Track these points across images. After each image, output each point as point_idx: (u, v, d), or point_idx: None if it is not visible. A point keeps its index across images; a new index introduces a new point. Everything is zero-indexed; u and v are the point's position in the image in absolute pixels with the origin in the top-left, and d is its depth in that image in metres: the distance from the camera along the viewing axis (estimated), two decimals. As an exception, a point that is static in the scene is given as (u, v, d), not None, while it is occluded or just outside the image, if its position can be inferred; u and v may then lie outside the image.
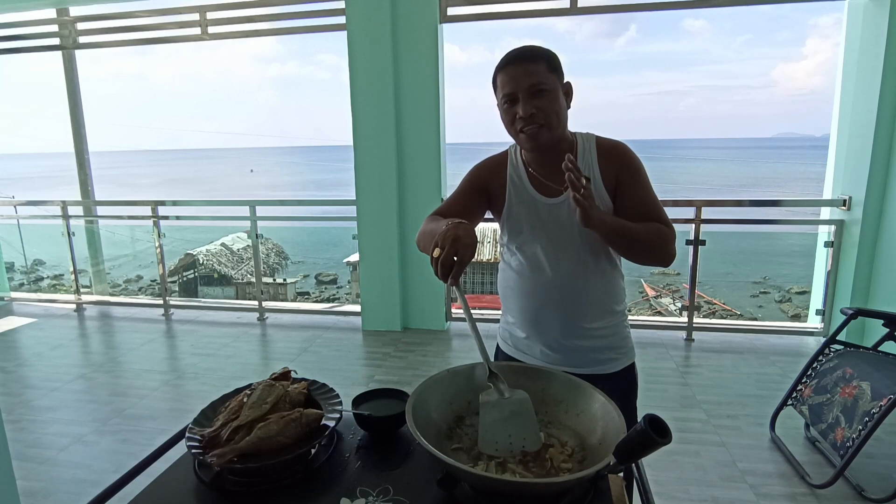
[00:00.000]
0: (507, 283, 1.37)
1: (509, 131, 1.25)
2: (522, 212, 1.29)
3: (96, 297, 5.14)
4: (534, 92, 1.17)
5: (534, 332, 1.32)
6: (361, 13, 3.75)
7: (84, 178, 5.08)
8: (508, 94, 1.19)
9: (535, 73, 1.17)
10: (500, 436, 0.89)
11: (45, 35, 4.65)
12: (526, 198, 1.29)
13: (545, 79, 1.17)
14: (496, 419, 0.90)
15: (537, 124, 1.18)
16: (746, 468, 2.32)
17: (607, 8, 3.75)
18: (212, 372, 3.43)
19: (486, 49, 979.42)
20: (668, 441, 0.71)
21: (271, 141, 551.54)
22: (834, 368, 2.37)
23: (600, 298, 1.29)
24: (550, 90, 1.18)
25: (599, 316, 1.29)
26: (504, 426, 0.89)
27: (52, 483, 2.33)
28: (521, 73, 1.17)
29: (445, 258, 0.94)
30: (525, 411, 0.91)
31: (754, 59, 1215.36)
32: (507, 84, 1.19)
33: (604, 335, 1.30)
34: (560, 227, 1.26)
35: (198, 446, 0.90)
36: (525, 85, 1.16)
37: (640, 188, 1.24)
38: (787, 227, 7.45)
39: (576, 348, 1.29)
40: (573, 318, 1.28)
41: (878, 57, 3.23)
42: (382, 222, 4.00)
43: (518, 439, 0.89)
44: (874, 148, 3.31)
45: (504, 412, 0.90)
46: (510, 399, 0.92)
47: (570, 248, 1.26)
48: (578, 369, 1.25)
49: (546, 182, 1.27)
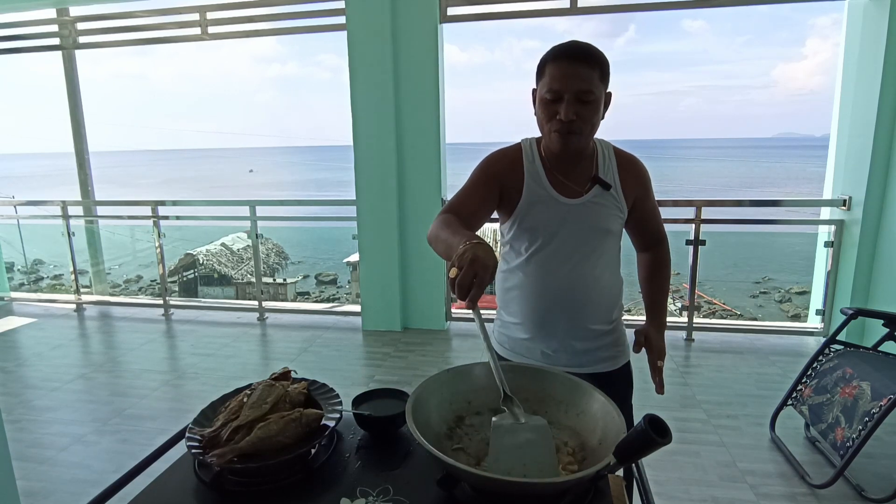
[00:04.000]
0: (510, 283, 1.33)
1: (541, 125, 1.22)
2: (538, 211, 1.25)
3: (96, 297, 5.14)
4: (581, 98, 1.14)
5: (539, 333, 1.30)
6: (361, 13, 3.75)
7: (84, 177, 5.08)
8: (555, 91, 1.14)
9: (588, 80, 1.13)
10: (514, 464, 0.81)
11: (45, 35, 4.65)
12: (544, 195, 1.25)
13: (595, 88, 1.14)
14: (510, 446, 0.82)
15: (573, 132, 1.16)
16: (746, 468, 2.32)
17: (607, 8, 3.75)
18: (212, 372, 3.43)
19: (487, 49, 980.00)
20: (668, 441, 0.71)
21: (271, 141, 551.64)
22: (834, 368, 2.37)
23: (605, 301, 1.30)
24: (596, 100, 1.15)
25: (603, 317, 1.31)
26: (519, 453, 0.81)
27: (52, 483, 2.33)
28: (574, 73, 1.13)
29: (463, 279, 0.88)
30: (543, 439, 0.83)
31: (754, 59, 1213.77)
32: (556, 80, 1.14)
33: (604, 335, 1.31)
34: (578, 229, 1.24)
35: (198, 446, 0.90)
36: (575, 88, 1.13)
37: (651, 204, 1.35)
38: (787, 227, 7.44)
39: (578, 350, 1.30)
40: (580, 320, 1.28)
41: (878, 57, 3.23)
42: (382, 222, 3.99)
43: (533, 468, 0.80)
44: (874, 148, 3.31)
45: (519, 438, 0.83)
46: (526, 425, 0.84)
47: (582, 249, 1.25)
48: (578, 369, 1.27)
49: (565, 181, 1.25)
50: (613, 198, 1.26)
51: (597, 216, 1.25)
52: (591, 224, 1.24)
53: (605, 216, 1.25)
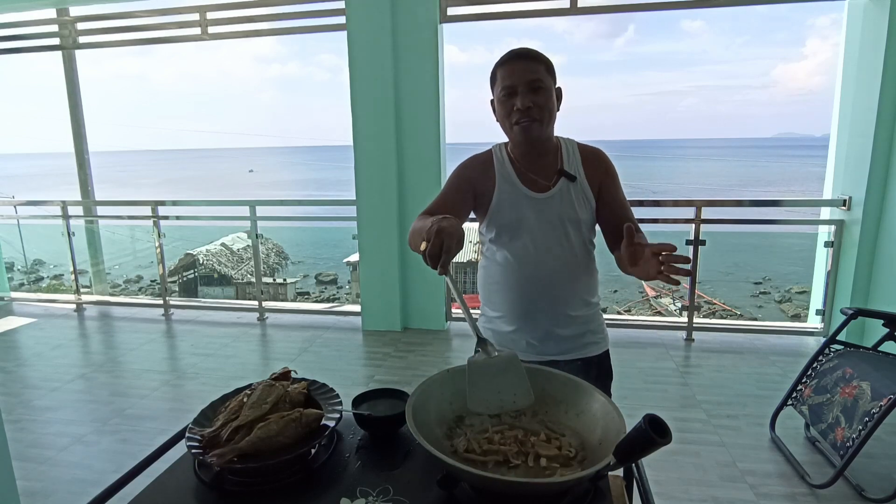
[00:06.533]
0: (491, 278, 1.41)
1: (503, 123, 1.32)
2: (511, 207, 1.34)
3: (96, 297, 5.14)
4: (533, 88, 1.25)
5: (523, 324, 1.37)
6: (361, 13, 3.75)
7: (84, 177, 5.08)
8: (509, 87, 1.26)
9: (536, 71, 1.26)
10: (489, 393, 0.90)
11: (45, 35, 4.64)
12: (515, 193, 1.34)
13: (543, 78, 1.27)
14: (484, 377, 0.92)
15: (532, 119, 1.26)
16: (746, 468, 2.32)
17: (607, 8, 3.75)
18: (212, 372, 3.43)
19: (486, 49, 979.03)
20: (668, 441, 0.71)
21: (271, 141, 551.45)
22: (834, 368, 2.36)
23: (583, 288, 1.38)
24: (547, 88, 1.27)
25: (582, 305, 1.38)
26: (492, 383, 0.91)
27: (52, 483, 2.33)
28: (522, 68, 1.26)
29: (432, 249, 0.97)
30: (514, 368, 0.93)
31: (754, 59, 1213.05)
32: (507, 77, 1.27)
33: (585, 321, 1.39)
34: (548, 221, 1.33)
35: (198, 446, 0.90)
36: (525, 80, 1.25)
37: (618, 192, 1.40)
38: (787, 227, 7.45)
39: (561, 337, 1.37)
40: (560, 309, 1.36)
41: (878, 57, 3.23)
42: (382, 222, 3.99)
43: (508, 395, 0.90)
44: (874, 148, 3.31)
45: (491, 370, 0.93)
46: (498, 357, 0.94)
47: (557, 242, 1.33)
48: (561, 356, 1.36)
49: (534, 177, 1.34)
50: (580, 187, 1.34)
51: (565, 206, 1.33)
52: (561, 214, 1.33)
53: (573, 206, 1.34)
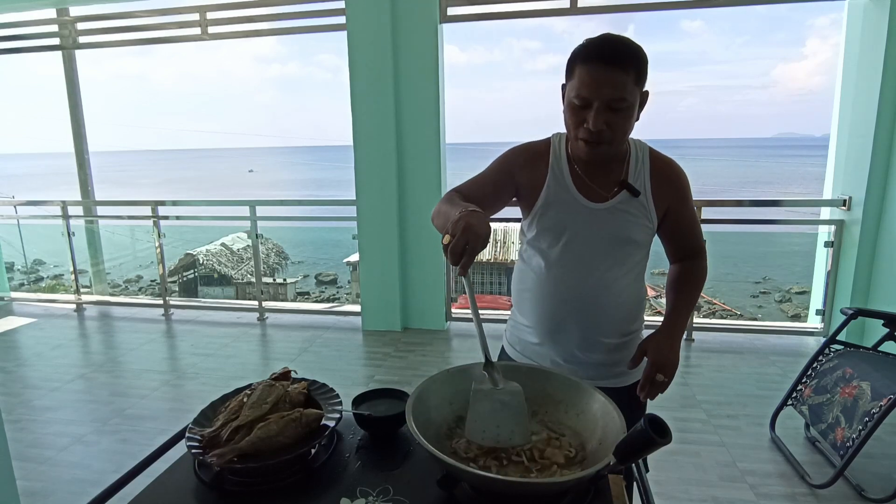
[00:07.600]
0: (524, 284, 1.27)
1: (568, 128, 1.14)
2: (559, 210, 1.18)
3: (96, 297, 5.14)
4: (612, 107, 1.05)
5: (549, 340, 1.24)
6: (361, 13, 3.75)
7: (84, 177, 5.08)
8: (584, 98, 1.06)
9: (621, 87, 1.04)
10: (489, 425, 0.88)
11: (45, 35, 4.64)
12: (566, 196, 1.18)
13: (628, 94, 1.05)
14: (486, 408, 0.89)
15: (601, 141, 1.08)
16: (746, 468, 2.32)
17: (607, 8, 3.75)
18: (212, 372, 3.43)
19: (486, 49, 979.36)
20: (668, 441, 0.71)
21: (271, 141, 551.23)
22: (834, 368, 2.36)
23: (622, 316, 1.22)
24: (629, 107, 1.06)
25: (620, 331, 1.22)
26: (493, 416, 0.89)
27: (52, 483, 2.33)
28: (605, 80, 1.03)
29: (455, 246, 0.89)
30: (516, 404, 0.90)
31: (754, 59, 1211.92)
32: (586, 85, 1.05)
33: (617, 349, 1.23)
34: (597, 235, 1.17)
35: (198, 446, 0.90)
36: (605, 97, 1.04)
37: (689, 212, 1.25)
38: (788, 227, 7.45)
39: (591, 362, 1.23)
40: (594, 332, 1.20)
41: (878, 57, 3.23)
42: (382, 222, 3.99)
43: (506, 431, 0.88)
44: (874, 148, 3.31)
45: (495, 402, 0.90)
46: (503, 390, 0.91)
47: (602, 258, 1.17)
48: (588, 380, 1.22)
49: (590, 184, 1.17)
50: (642, 205, 1.16)
51: (620, 224, 1.16)
52: (613, 232, 1.16)
53: (629, 225, 1.16)
